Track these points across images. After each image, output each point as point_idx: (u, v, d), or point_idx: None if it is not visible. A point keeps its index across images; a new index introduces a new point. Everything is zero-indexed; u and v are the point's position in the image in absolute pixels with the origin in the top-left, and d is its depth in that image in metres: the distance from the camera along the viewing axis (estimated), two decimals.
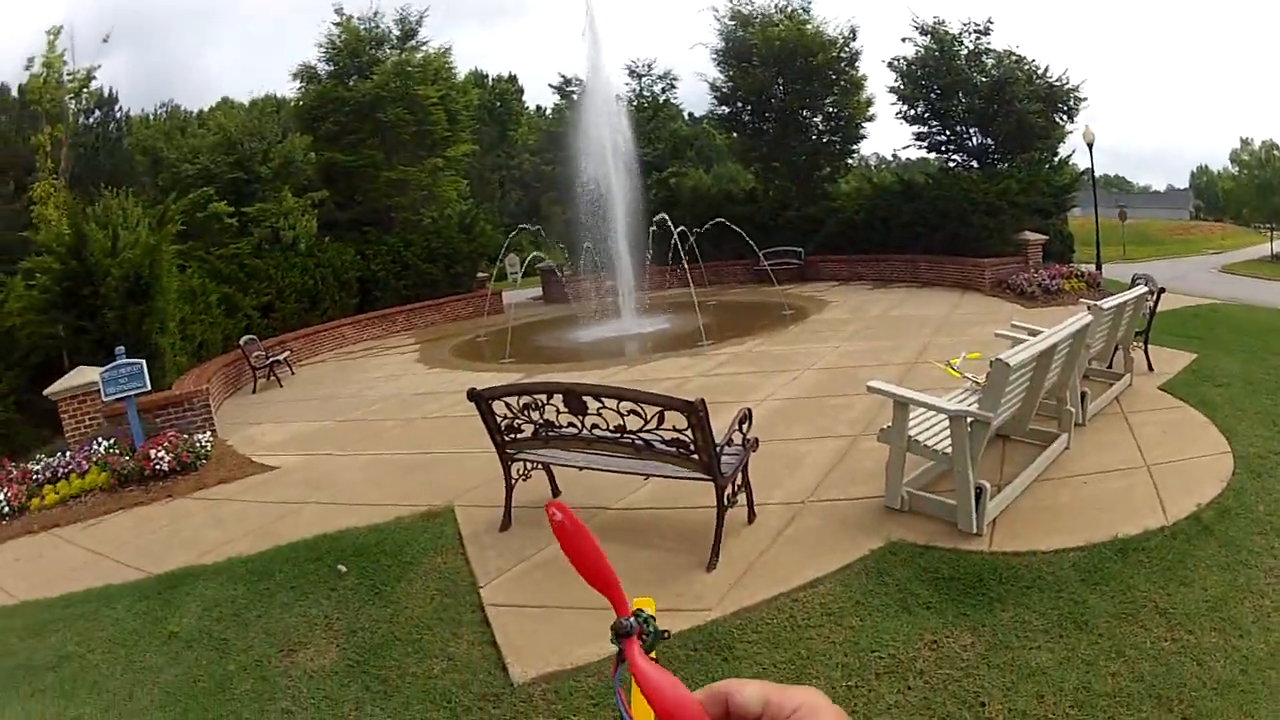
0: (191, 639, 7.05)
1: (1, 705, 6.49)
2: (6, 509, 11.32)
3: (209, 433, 13.59)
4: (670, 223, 24.49)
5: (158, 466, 11.90)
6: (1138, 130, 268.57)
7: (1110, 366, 11.85)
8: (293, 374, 21.05)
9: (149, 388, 13.02)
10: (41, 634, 7.53)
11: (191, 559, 8.80)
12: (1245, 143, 77.82)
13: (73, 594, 8.27)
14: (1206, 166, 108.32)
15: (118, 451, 12.26)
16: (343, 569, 7.83)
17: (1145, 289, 12.47)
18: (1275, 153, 70.32)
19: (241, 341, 20.31)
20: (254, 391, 19.58)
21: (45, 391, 13.69)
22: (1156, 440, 9.26)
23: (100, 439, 12.75)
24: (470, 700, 5.78)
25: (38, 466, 12.26)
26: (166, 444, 12.25)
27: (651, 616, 1.02)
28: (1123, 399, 11.00)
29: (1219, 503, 7.49)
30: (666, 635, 1.03)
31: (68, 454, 12.52)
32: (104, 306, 15.97)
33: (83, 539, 10.20)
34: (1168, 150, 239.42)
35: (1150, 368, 12.34)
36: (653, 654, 1.01)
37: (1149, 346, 12.69)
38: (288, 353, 21.60)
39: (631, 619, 1.03)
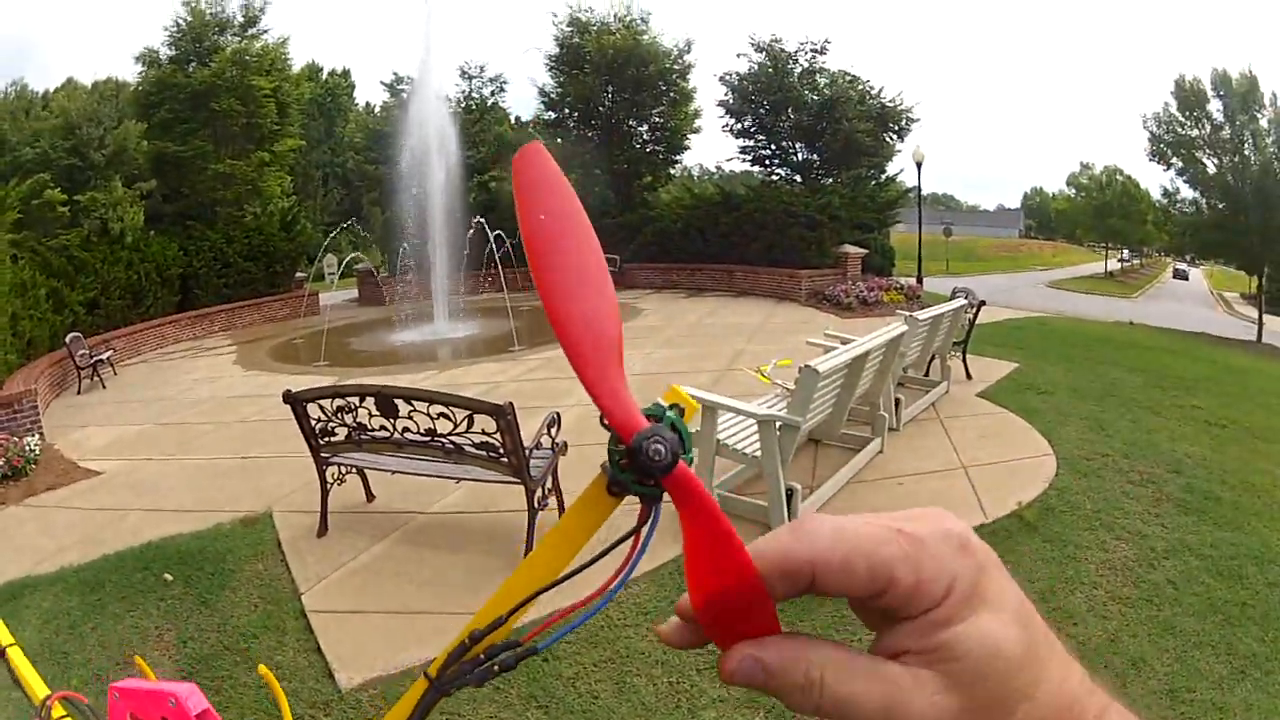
0: (35, 654, 6.60)
1: None
2: None
3: (38, 436, 12.94)
4: (487, 227, 24.33)
5: None
6: (971, 156, 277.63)
7: (927, 375, 12.10)
8: (115, 374, 20.22)
9: None
10: None
11: (27, 569, 8.43)
12: (1086, 166, 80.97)
13: None
14: (1041, 188, 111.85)
15: None
16: (169, 578, 7.60)
17: (964, 301, 12.77)
18: (1118, 177, 73.18)
19: (67, 339, 19.26)
20: (79, 392, 18.71)
21: None
22: (974, 443, 9.52)
23: None
24: (301, 709, 5.69)
25: None
26: None
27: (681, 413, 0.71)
28: (940, 406, 11.26)
29: (1042, 501, 7.74)
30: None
31: None
32: None
33: None
34: (999, 175, 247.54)
35: (969, 376, 12.66)
36: None
37: (968, 356, 12.99)
38: (111, 352, 20.61)
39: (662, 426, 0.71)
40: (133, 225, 26.78)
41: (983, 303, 13.85)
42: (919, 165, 30.83)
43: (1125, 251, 74.05)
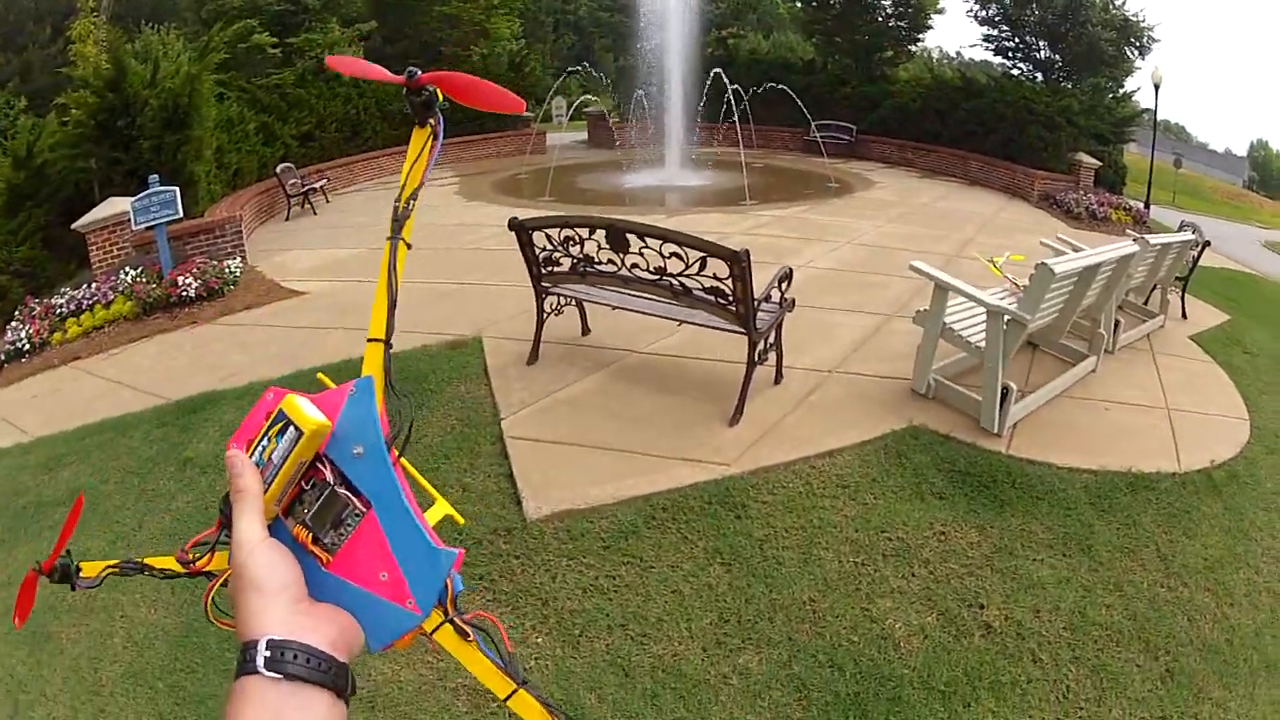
0: (206, 465, 7.05)
1: (11, 545, 6.54)
2: (28, 346, 11.26)
3: (239, 259, 13.39)
4: (725, 80, 24.01)
5: (184, 293, 11.75)
6: (1205, 91, 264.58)
7: (1146, 304, 11.75)
8: (328, 202, 20.71)
9: (180, 215, 12.67)
10: (55, 469, 7.55)
11: (213, 384, 8.78)
12: None
13: (89, 425, 8.24)
14: (1266, 141, 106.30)
15: (144, 280, 12.03)
16: None
17: (1192, 236, 12.29)
18: None
19: (278, 169, 19.69)
20: (287, 219, 19.23)
21: (74, 225, 13.36)
22: (1180, 387, 9.18)
23: (128, 268, 12.53)
24: (482, 533, 5.82)
25: (61, 300, 12.08)
26: (194, 270, 12.09)
27: None
28: (1154, 338, 10.91)
29: (1231, 466, 7.47)
30: None
31: (93, 285, 12.33)
32: (140, 137, 15.51)
33: (104, 369, 10.08)
34: (1229, 118, 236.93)
35: (1184, 315, 12.20)
36: None
37: (1186, 295, 12.55)
38: (324, 181, 21.18)
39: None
40: None
41: (1208, 243, 13.30)
42: (1157, 87, 29.28)
43: None
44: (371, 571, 1.02)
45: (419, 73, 1.23)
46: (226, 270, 12.39)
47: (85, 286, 12.30)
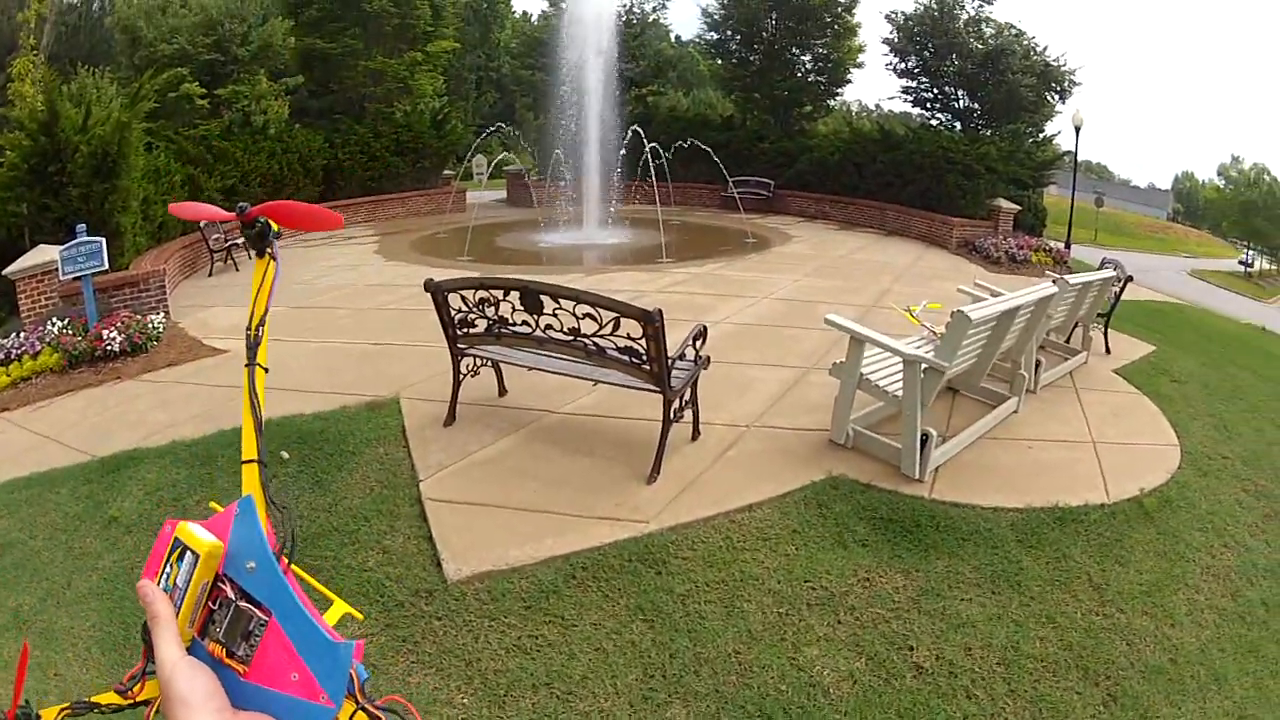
0: (131, 524, 6.95)
1: None
2: None
3: (162, 314, 13.23)
4: (644, 138, 24.27)
5: (109, 347, 11.59)
6: (1127, 129, 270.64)
7: (1068, 342, 11.87)
8: (250, 258, 20.21)
9: (106, 267, 12.48)
10: None
11: (136, 441, 8.61)
12: (1236, 160, 78.12)
13: (17, 479, 8.06)
14: (1192, 173, 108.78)
15: (70, 332, 11.87)
16: (285, 455, 7.70)
17: (1113, 273, 12.45)
18: (1265, 177, 70.59)
19: (201, 223, 19.18)
20: (210, 274, 19.07)
21: (4, 271, 13.10)
22: (1106, 420, 9.28)
23: (54, 319, 12.32)
24: (404, 595, 5.77)
25: None
26: (119, 324, 11.94)
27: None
28: (1077, 375, 11.01)
29: (1162, 492, 7.53)
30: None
31: (21, 335, 12.13)
32: (69, 184, 15.28)
33: (31, 422, 9.89)
34: (1153, 153, 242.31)
35: (1108, 350, 12.34)
36: None
37: (1109, 330, 12.66)
38: None
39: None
40: (277, 118, 27.11)
41: (1130, 277, 13.47)
42: (1078, 129, 29.91)
43: (1248, 253, 69.70)
44: (284, 674, 1.10)
45: (248, 207, 1.43)
46: (150, 325, 12.23)
47: (14, 335, 12.14)
